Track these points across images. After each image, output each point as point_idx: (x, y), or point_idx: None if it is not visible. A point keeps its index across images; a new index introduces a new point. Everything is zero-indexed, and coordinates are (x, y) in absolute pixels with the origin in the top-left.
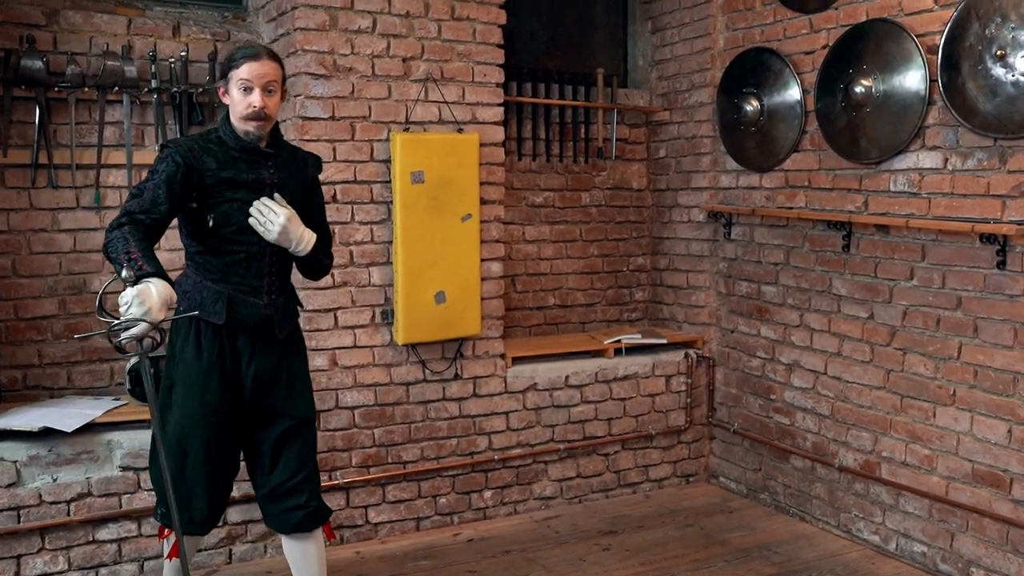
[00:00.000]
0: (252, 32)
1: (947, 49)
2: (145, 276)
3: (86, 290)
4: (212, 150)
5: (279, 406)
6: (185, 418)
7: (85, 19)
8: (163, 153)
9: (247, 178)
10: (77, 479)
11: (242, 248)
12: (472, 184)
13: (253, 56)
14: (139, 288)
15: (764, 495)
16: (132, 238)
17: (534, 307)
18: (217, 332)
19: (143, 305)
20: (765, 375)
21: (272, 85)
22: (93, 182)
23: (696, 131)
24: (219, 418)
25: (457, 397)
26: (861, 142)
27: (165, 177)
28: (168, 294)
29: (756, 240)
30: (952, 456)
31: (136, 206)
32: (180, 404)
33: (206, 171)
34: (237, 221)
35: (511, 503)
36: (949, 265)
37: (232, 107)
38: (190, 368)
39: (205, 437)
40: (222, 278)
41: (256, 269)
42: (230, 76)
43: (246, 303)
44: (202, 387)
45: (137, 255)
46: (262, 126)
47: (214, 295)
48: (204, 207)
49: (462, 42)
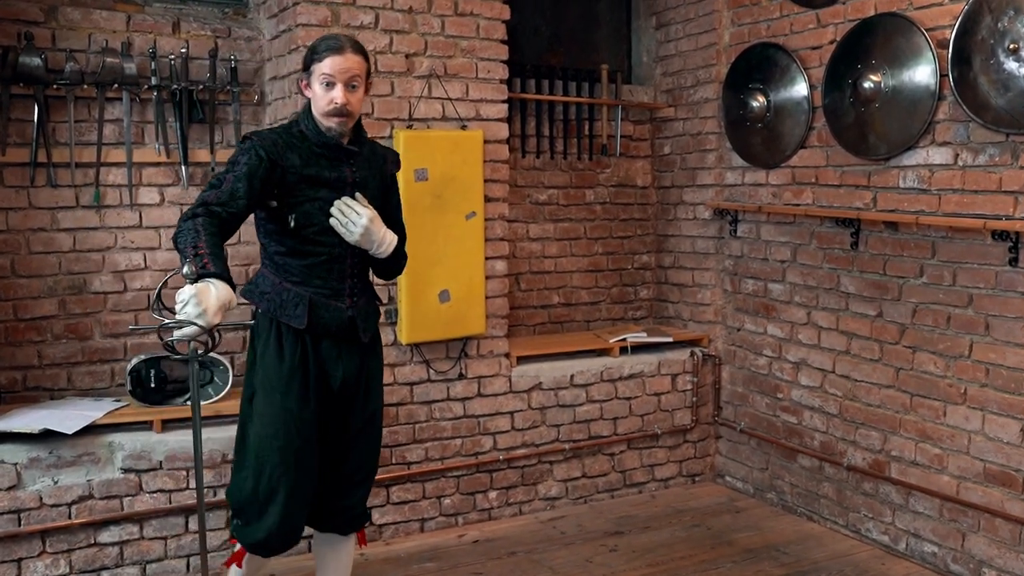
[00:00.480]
0: (253, 28)
1: (958, 43)
2: (208, 276)
3: (86, 290)
4: (295, 145)
5: (357, 410)
6: (265, 428)
7: (84, 16)
8: (245, 144)
9: (329, 176)
10: (78, 481)
11: (324, 250)
12: (476, 182)
13: (337, 49)
14: (198, 287)
15: (771, 494)
16: (203, 231)
17: (538, 305)
18: (299, 336)
19: (199, 306)
20: (772, 373)
21: (356, 80)
22: (93, 181)
23: (701, 127)
24: (301, 428)
25: (462, 397)
26: (870, 138)
27: (247, 170)
28: (228, 298)
29: (762, 237)
30: (963, 455)
31: (214, 197)
32: (260, 414)
33: (289, 168)
34: (319, 221)
35: (516, 504)
36: (960, 262)
37: (314, 102)
38: (271, 374)
39: (285, 448)
40: (303, 280)
41: (338, 272)
42: (312, 69)
43: (328, 307)
44: (283, 394)
45: (204, 251)
46: (344, 122)
47: (295, 298)
48: (285, 206)
49: (465, 38)
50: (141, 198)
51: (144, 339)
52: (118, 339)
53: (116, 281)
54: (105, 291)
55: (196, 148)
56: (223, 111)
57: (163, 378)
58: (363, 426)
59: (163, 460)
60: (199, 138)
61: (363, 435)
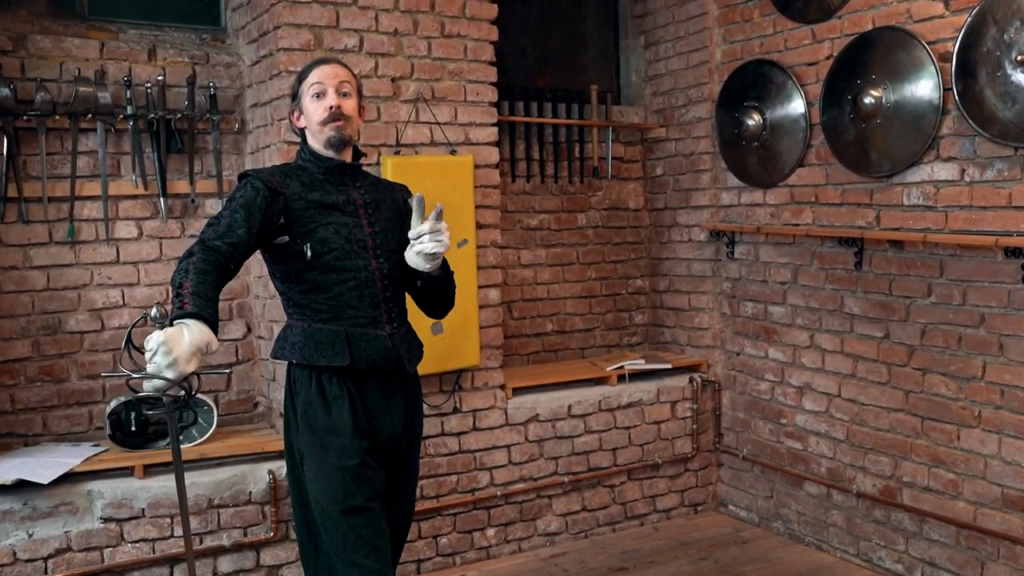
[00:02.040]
0: (232, 54)
1: (962, 56)
2: (183, 316)
3: (61, 330)
4: (296, 175)
5: (397, 472)
6: (325, 492)
7: (55, 43)
8: (241, 182)
9: (337, 199)
10: (55, 534)
11: (349, 275)
12: (468, 208)
13: (323, 61)
14: (168, 333)
15: (777, 523)
16: (193, 269)
17: (531, 334)
18: (343, 381)
19: (168, 355)
20: (774, 398)
21: (346, 87)
22: (67, 215)
23: (694, 147)
24: (365, 483)
25: (456, 432)
26: (871, 155)
27: (243, 202)
28: (203, 340)
29: (761, 259)
30: (979, 480)
31: (211, 233)
32: (314, 479)
33: (292, 195)
34: (338, 246)
35: (515, 540)
36: (970, 280)
37: (308, 121)
38: (319, 431)
39: (351, 511)
40: (335, 315)
41: (370, 297)
42: (301, 90)
43: (367, 336)
44: (338, 451)
45: (188, 290)
46: (342, 127)
47: (329, 336)
48: (298, 236)
49: (453, 60)
50: (118, 232)
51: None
52: (96, 380)
53: (93, 320)
54: (81, 330)
55: (175, 179)
56: (202, 140)
57: (144, 421)
58: (402, 490)
59: (146, 507)
60: (178, 169)
61: (401, 500)
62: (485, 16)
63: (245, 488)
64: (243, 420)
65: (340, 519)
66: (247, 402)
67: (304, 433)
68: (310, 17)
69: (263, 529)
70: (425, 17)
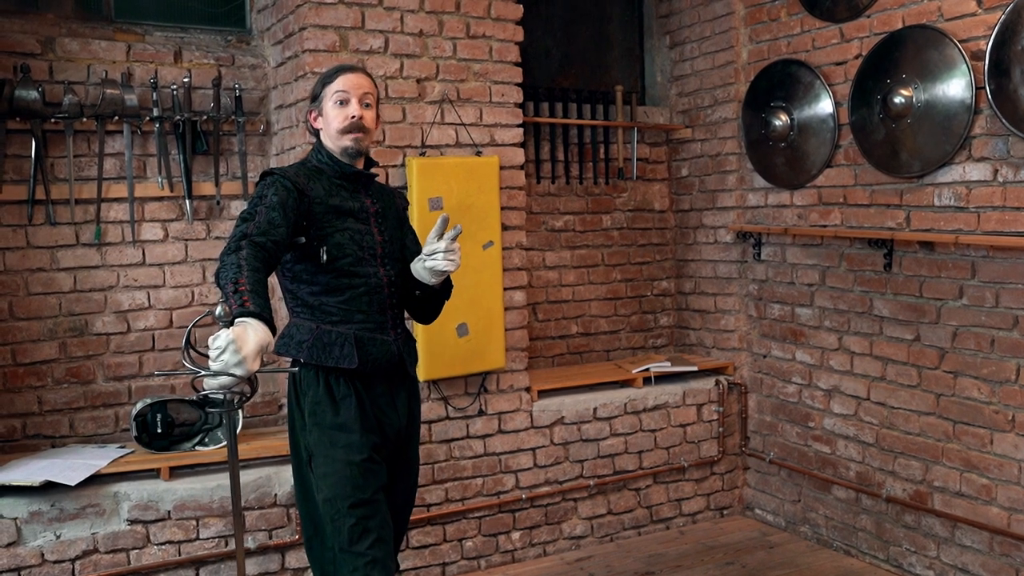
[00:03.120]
0: (257, 56)
1: (995, 54)
2: (244, 315)
3: (88, 332)
4: (315, 177)
5: (401, 461)
6: (335, 487)
7: (82, 46)
8: (267, 180)
9: (352, 206)
10: (82, 535)
11: (360, 281)
12: (493, 209)
13: (348, 69)
14: (235, 331)
15: (804, 528)
16: (247, 266)
17: (556, 336)
18: (351, 383)
19: (237, 353)
20: (802, 401)
21: (368, 98)
22: (93, 217)
23: (720, 148)
24: (372, 478)
25: (482, 434)
26: (902, 155)
27: (278, 200)
28: (266, 340)
29: (788, 260)
30: (1014, 486)
31: (253, 228)
32: (323, 475)
33: (315, 198)
34: (352, 252)
35: (540, 544)
36: (1003, 282)
37: (327, 126)
38: (328, 429)
39: (359, 505)
40: (344, 318)
41: (378, 303)
42: (324, 93)
43: (375, 341)
44: (347, 447)
45: (245, 287)
46: (360, 139)
47: (339, 338)
48: (314, 239)
49: (478, 61)
50: (144, 234)
51: (149, 382)
52: (122, 382)
53: (119, 322)
54: (108, 332)
55: (200, 181)
56: (227, 142)
57: (170, 422)
58: (404, 477)
59: (172, 509)
60: (203, 170)
61: (402, 488)
62: (510, 17)
63: (271, 490)
64: (268, 422)
65: (348, 513)
66: (272, 404)
67: (313, 431)
68: (336, 18)
69: (288, 532)
70: (450, 18)
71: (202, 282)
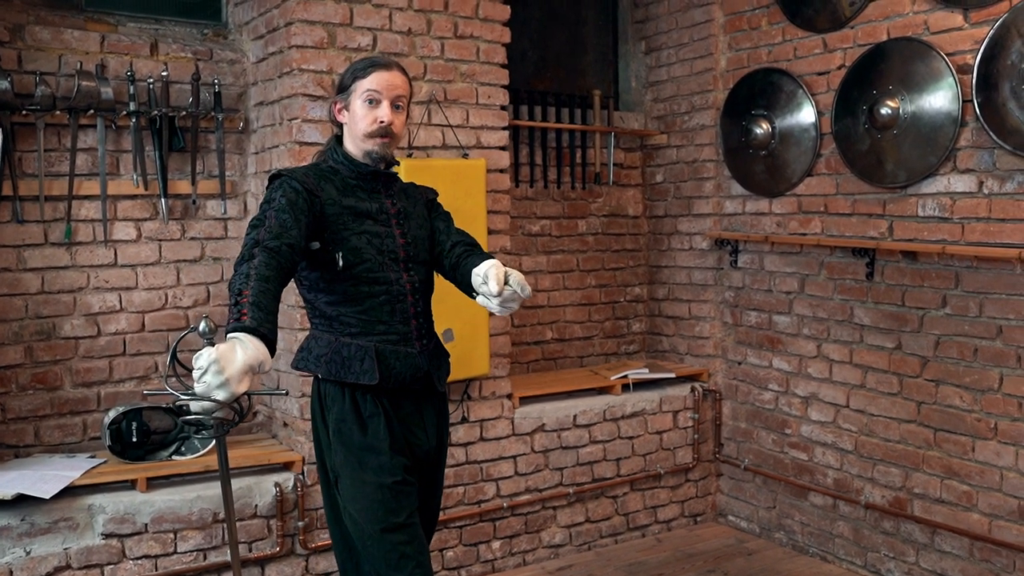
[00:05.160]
0: (236, 50)
1: (984, 68)
2: (238, 330)
3: (56, 335)
4: (328, 178)
5: (426, 486)
6: (365, 512)
7: (54, 35)
8: (275, 183)
9: (370, 207)
10: (54, 551)
11: (381, 288)
12: (480, 213)
13: (384, 65)
14: (220, 350)
15: (779, 534)
16: (255, 275)
17: (532, 342)
18: (377, 399)
19: (220, 374)
20: (779, 408)
21: (400, 100)
22: (63, 215)
23: (697, 155)
24: (404, 501)
25: (464, 442)
26: (887, 165)
27: (287, 202)
28: (257, 358)
29: (766, 268)
30: (995, 492)
31: (265, 234)
32: (352, 498)
33: (327, 199)
34: (371, 257)
35: (520, 553)
36: (987, 292)
37: (352, 123)
38: (355, 448)
39: (392, 525)
40: (364, 330)
41: (401, 312)
42: (353, 88)
43: (398, 355)
44: (376, 469)
45: (247, 299)
46: (386, 144)
47: (358, 352)
48: (330, 244)
49: (466, 61)
50: (116, 234)
51: (120, 388)
52: (91, 388)
53: (89, 325)
54: (76, 336)
55: (176, 179)
56: (204, 139)
57: (145, 431)
58: (429, 502)
59: (149, 522)
60: (179, 168)
61: (428, 511)
62: (498, 18)
63: (251, 501)
64: (242, 430)
65: (381, 538)
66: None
67: (339, 451)
68: (324, 14)
69: (269, 544)
70: (439, 17)
71: (176, 284)
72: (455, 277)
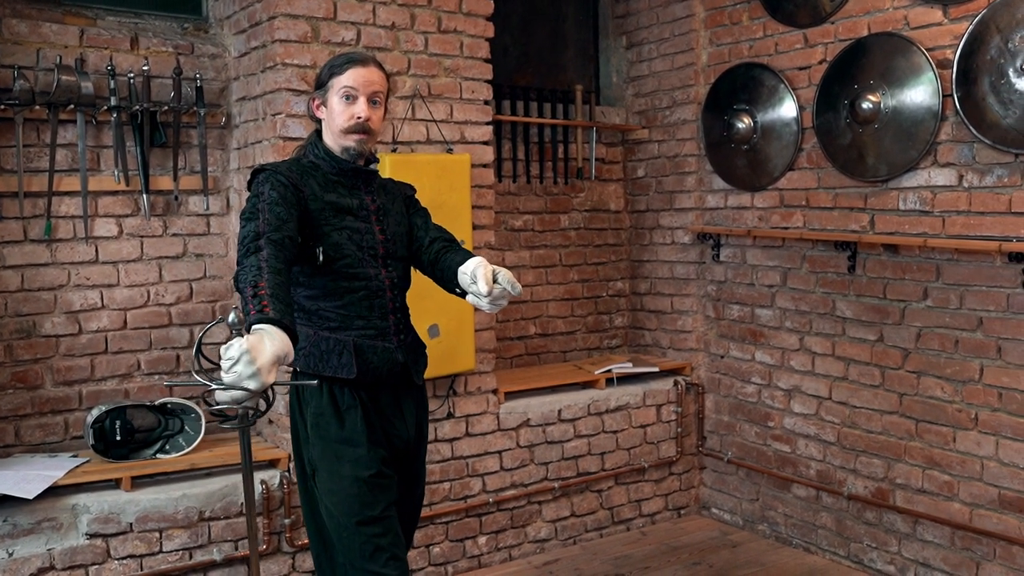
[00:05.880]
0: (218, 45)
1: (963, 63)
2: (262, 322)
3: (36, 333)
4: (310, 173)
5: (407, 478)
6: (341, 505)
7: (31, 29)
8: (260, 177)
9: (351, 203)
10: (37, 551)
11: (360, 284)
12: (464, 208)
13: (360, 61)
14: (250, 341)
15: (762, 526)
16: (267, 267)
17: (515, 337)
18: (356, 392)
19: (251, 365)
20: (761, 401)
21: (378, 96)
22: (43, 212)
23: (679, 150)
24: (381, 494)
25: (450, 438)
26: (868, 159)
27: (277, 195)
28: (284, 350)
29: (748, 262)
30: (976, 482)
31: (265, 227)
32: (329, 491)
33: (310, 194)
34: (351, 252)
35: (506, 548)
36: (968, 285)
37: (330, 120)
38: (332, 442)
39: (368, 518)
40: (343, 325)
41: (380, 308)
42: (330, 84)
43: (375, 349)
44: (353, 462)
45: (265, 291)
46: (364, 140)
47: (336, 346)
48: (311, 239)
49: (449, 56)
50: (97, 230)
51: (102, 386)
52: (72, 387)
53: (70, 323)
54: (57, 334)
55: (158, 175)
56: (186, 135)
57: (129, 429)
58: (410, 492)
59: (134, 522)
60: (160, 164)
61: (409, 502)
62: (481, 12)
63: (237, 499)
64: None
65: (356, 530)
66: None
67: (316, 444)
68: (307, 8)
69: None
70: (422, 12)
71: (158, 281)
72: (434, 273)
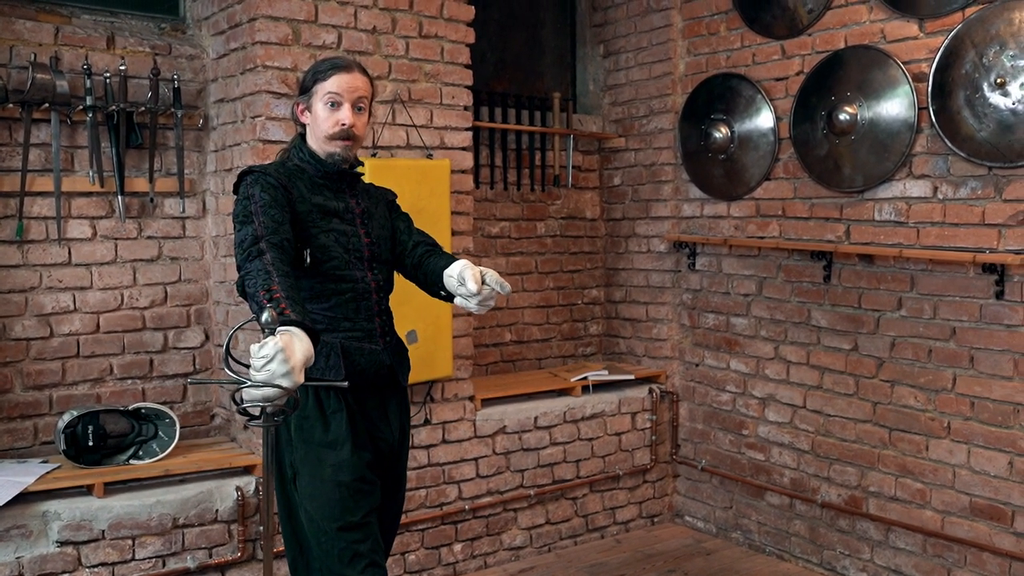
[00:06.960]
0: (195, 46)
1: (939, 77)
2: (287, 323)
3: (6, 336)
4: (297, 175)
5: (390, 480)
6: (322, 509)
7: (4, 25)
8: (248, 179)
9: (337, 206)
10: (5, 560)
11: (348, 286)
12: (444, 214)
13: (344, 67)
14: (283, 340)
15: (736, 534)
16: (276, 271)
17: (490, 344)
18: (342, 395)
19: (286, 363)
20: (736, 409)
21: (362, 102)
22: (15, 212)
23: (655, 158)
24: (363, 499)
25: (426, 445)
26: (845, 170)
27: (269, 198)
28: (310, 352)
29: (724, 271)
30: (947, 490)
31: (263, 230)
32: (310, 495)
33: (298, 197)
34: (338, 255)
35: (481, 555)
36: (941, 295)
37: (314, 125)
38: (316, 445)
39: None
40: (330, 327)
41: (366, 310)
42: (314, 90)
43: (362, 351)
44: (336, 467)
45: (280, 293)
46: (348, 147)
47: (324, 348)
48: (298, 240)
49: (430, 61)
50: (70, 232)
51: (73, 391)
52: (43, 391)
53: (41, 326)
54: (28, 337)
55: (133, 176)
56: (162, 136)
57: (102, 435)
58: (392, 495)
59: (106, 529)
60: (136, 165)
61: (392, 505)
62: (462, 18)
63: (212, 506)
64: (199, 433)
65: (336, 535)
66: (204, 414)
67: (299, 448)
68: (288, 10)
69: (230, 549)
70: (403, 16)
71: (132, 284)
72: (417, 276)
